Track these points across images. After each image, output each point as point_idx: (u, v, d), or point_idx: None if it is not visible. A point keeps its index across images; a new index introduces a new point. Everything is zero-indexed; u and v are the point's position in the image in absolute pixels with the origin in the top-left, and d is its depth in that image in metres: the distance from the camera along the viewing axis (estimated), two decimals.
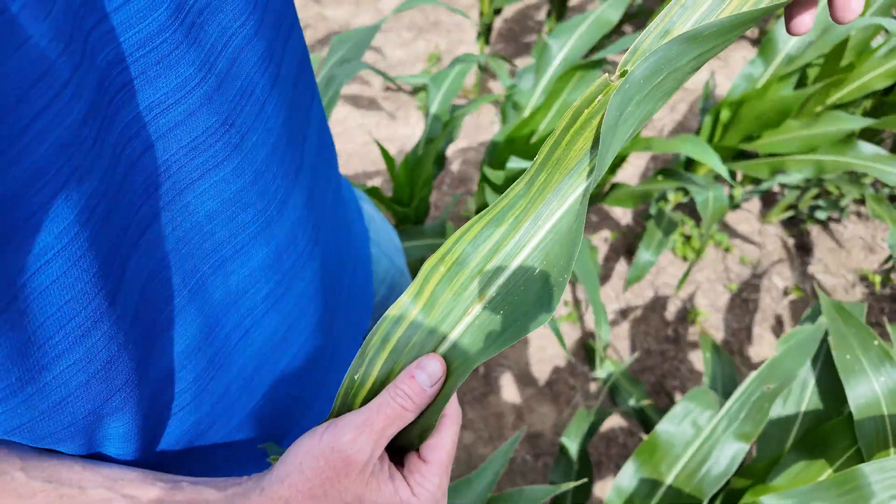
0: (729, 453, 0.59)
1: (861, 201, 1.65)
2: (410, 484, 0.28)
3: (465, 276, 0.28)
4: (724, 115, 1.11)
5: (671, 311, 1.51)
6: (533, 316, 0.27)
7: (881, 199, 1.36)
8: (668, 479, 0.61)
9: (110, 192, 0.23)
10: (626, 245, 1.63)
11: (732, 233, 1.65)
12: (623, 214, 1.70)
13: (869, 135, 1.29)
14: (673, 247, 1.60)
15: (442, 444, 0.29)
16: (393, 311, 0.28)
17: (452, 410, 0.30)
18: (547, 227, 0.27)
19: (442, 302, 0.28)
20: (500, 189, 1.03)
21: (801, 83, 1.16)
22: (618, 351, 1.45)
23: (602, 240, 1.64)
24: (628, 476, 0.64)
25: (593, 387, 1.39)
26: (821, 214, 1.59)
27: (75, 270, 0.22)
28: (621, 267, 1.59)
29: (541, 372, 1.41)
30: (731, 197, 1.50)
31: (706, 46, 0.25)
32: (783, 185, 1.56)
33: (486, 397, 1.37)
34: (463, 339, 0.28)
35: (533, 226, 0.27)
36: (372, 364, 0.29)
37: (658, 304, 1.53)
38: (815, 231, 1.64)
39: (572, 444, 0.86)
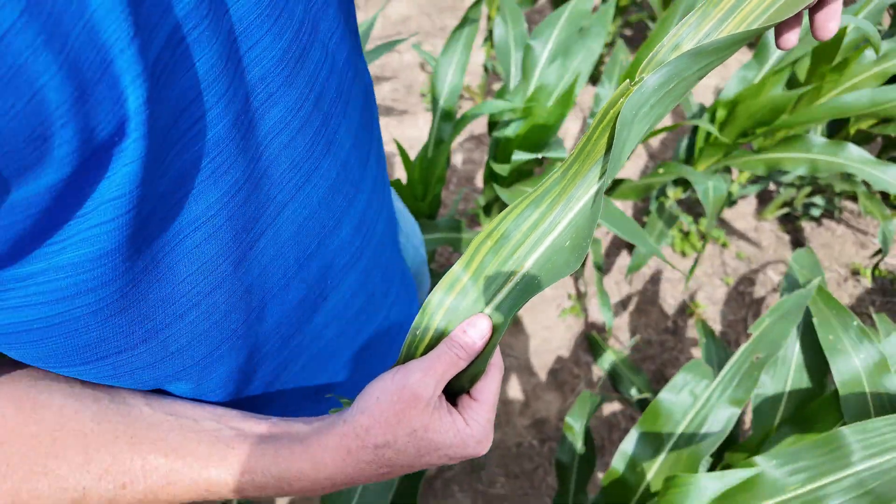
0: (723, 417, 0.64)
1: (854, 198, 1.71)
2: (465, 417, 0.34)
3: (508, 249, 0.33)
4: (720, 114, 1.17)
5: (670, 304, 1.57)
6: (561, 275, 0.33)
7: (872, 195, 1.43)
8: (669, 444, 0.67)
9: (251, 182, 0.29)
10: (627, 241, 1.69)
11: (729, 229, 1.71)
12: (624, 209, 1.76)
13: (861, 136, 1.36)
14: (672, 243, 1.66)
15: (489, 387, 0.35)
16: (447, 278, 0.34)
17: (496, 360, 0.36)
18: (577, 209, 0.33)
19: (489, 271, 0.34)
20: (506, 181, 1.09)
21: (794, 84, 1.23)
22: (619, 341, 1.51)
23: (604, 232, 1.70)
24: (632, 441, 0.69)
25: (596, 376, 1.45)
26: (815, 212, 1.65)
27: (214, 240, 0.28)
28: (622, 261, 1.64)
29: (546, 362, 1.47)
30: (729, 193, 1.56)
31: (709, 60, 0.31)
32: (778, 183, 1.62)
33: None
34: (505, 302, 0.34)
35: (566, 207, 0.33)
36: (431, 321, 0.34)
37: (658, 297, 1.59)
38: (809, 227, 1.70)
39: (577, 424, 0.92)
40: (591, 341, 1.46)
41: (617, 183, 1.25)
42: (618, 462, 0.70)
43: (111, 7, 0.19)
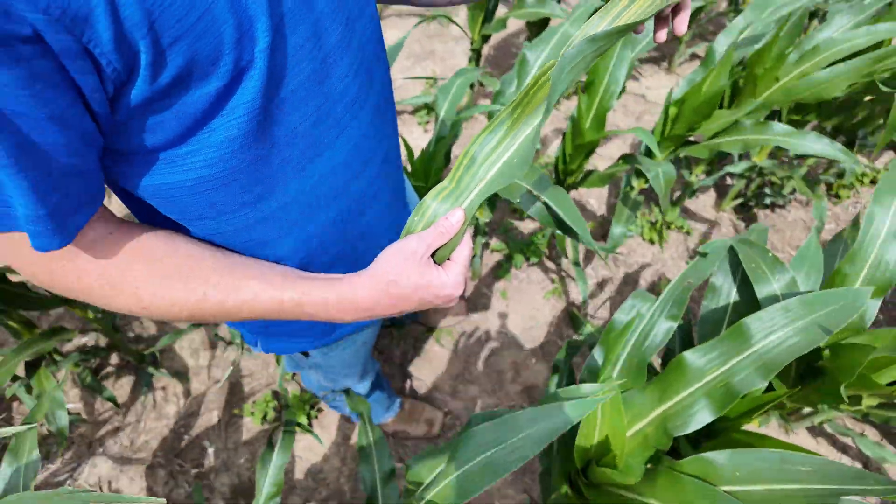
0: (663, 329, 0.83)
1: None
2: (445, 270, 0.53)
3: (475, 166, 0.53)
4: (672, 111, 1.39)
5: (641, 285, 1.77)
6: (510, 180, 0.52)
7: (805, 178, 1.65)
8: (624, 353, 0.86)
9: (325, 107, 0.48)
10: (603, 232, 1.89)
11: (692, 217, 1.92)
12: (598, 206, 1.97)
13: (795, 125, 1.58)
14: (641, 232, 1.87)
15: (461, 253, 0.54)
16: (437, 188, 0.53)
17: (466, 239, 0.55)
18: (521, 138, 0.52)
19: (464, 180, 0.53)
20: None
21: (736, 87, 1.46)
22: (597, 318, 1.70)
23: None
24: (597, 354, 0.88)
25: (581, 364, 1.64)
26: (766, 200, 1.87)
27: (306, 138, 0.48)
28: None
29: (533, 336, 1.66)
30: (688, 184, 1.77)
31: (598, 44, 0.51)
32: (731, 175, 1.84)
33: (489, 358, 1.61)
34: (474, 200, 0.53)
35: (514, 138, 0.52)
36: (424, 214, 0.54)
37: (630, 279, 1.78)
38: (762, 215, 1.92)
39: (563, 365, 1.10)
40: (573, 317, 1.65)
41: (587, 174, 1.46)
42: (584, 374, 0.89)
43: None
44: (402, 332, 1.64)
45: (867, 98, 1.57)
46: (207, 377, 1.52)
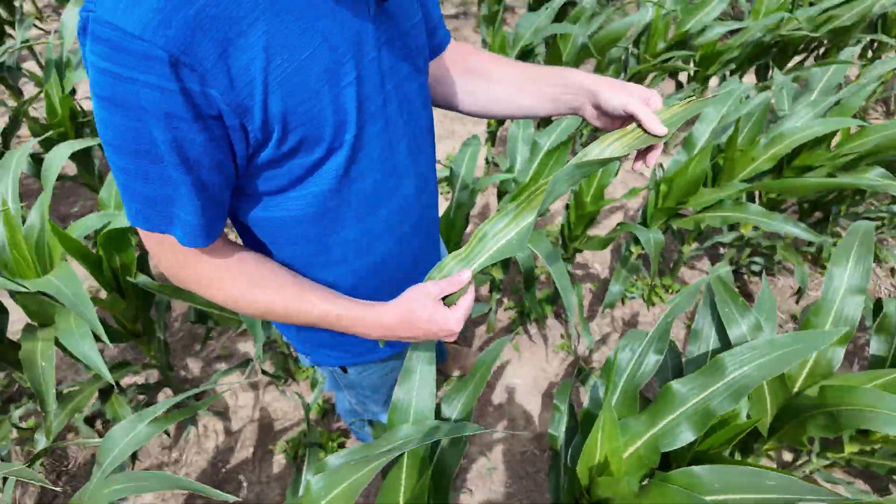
0: (652, 361, 0.99)
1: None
2: (451, 311, 0.69)
3: (486, 239, 0.72)
4: (663, 188, 1.61)
5: None
6: (509, 254, 0.72)
7: (789, 244, 1.84)
8: (621, 382, 1.01)
9: (386, 160, 0.68)
10: (604, 293, 2.07)
11: (689, 283, 2.10)
12: (602, 270, 2.16)
13: (774, 202, 1.79)
14: (642, 295, 2.05)
15: (464, 302, 0.70)
16: (455, 253, 0.72)
17: (470, 290, 0.71)
18: (520, 227, 0.72)
19: (475, 250, 0.72)
20: None
21: (717, 167, 1.68)
22: None
23: (587, 290, 2.09)
24: (599, 386, 1.04)
25: (584, 398, 1.77)
26: (756, 268, 2.05)
27: (372, 175, 0.67)
28: (608, 313, 2.02)
29: (543, 387, 1.79)
30: (681, 253, 1.96)
31: (586, 169, 0.70)
32: (721, 244, 2.04)
33: (502, 407, 1.74)
34: (481, 264, 0.72)
35: (516, 225, 0.72)
36: (442, 268, 0.72)
37: None
38: (754, 281, 2.09)
39: (562, 404, 1.25)
40: (579, 369, 1.79)
41: (589, 239, 1.66)
42: (589, 404, 1.04)
43: (348, 86, 0.59)
44: None
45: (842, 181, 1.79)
46: (245, 416, 1.66)
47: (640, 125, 0.69)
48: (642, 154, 0.74)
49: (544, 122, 2.17)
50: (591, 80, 0.74)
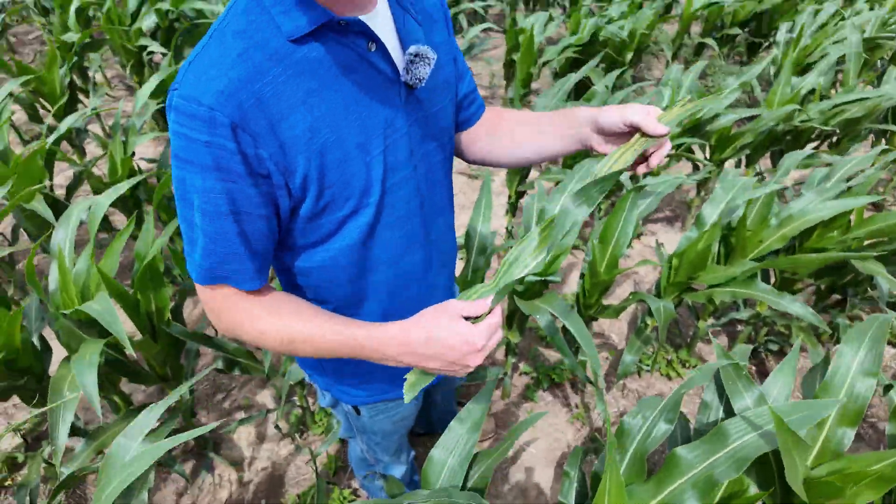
0: (662, 429, 1.01)
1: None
2: (473, 325, 0.72)
3: (511, 268, 0.79)
4: (675, 262, 1.67)
5: None
6: (527, 275, 0.79)
7: (804, 326, 1.85)
8: (631, 448, 1.03)
9: (412, 216, 0.78)
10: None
11: (705, 359, 2.10)
12: (619, 341, 2.18)
13: (789, 282, 1.82)
14: (659, 369, 2.05)
15: (489, 319, 0.73)
16: (481, 284, 0.80)
17: (496, 310, 0.74)
18: (534, 263, 0.79)
19: (501, 280, 0.80)
20: (524, 297, 1.56)
21: (729, 245, 1.74)
22: None
23: (603, 359, 2.10)
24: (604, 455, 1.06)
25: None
26: (773, 346, 2.05)
27: (401, 227, 0.76)
28: (622, 385, 2.02)
29: (558, 458, 1.78)
30: (698, 328, 1.98)
31: (603, 185, 0.76)
32: (738, 321, 2.05)
33: (515, 476, 1.73)
34: (499, 294, 0.78)
35: (533, 259, 0.79)
36: (470, 295, 0.78)
37: None
38: (771, 360, 2.08)
39: (573, 470, 1.26)
40: (594, 440, 1.78)
41: (603, 308, 1.71)
42: (598, 467, 1.06)
43: (377, 155, 0.70)
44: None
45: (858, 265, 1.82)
46: (259, 468, 1.69)
47: (641, 132, 0.73)
48: (645, 157, 0.76)
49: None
50: (592, 111, 0.79)
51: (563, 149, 0.85)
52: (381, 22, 0.68)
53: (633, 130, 0.74)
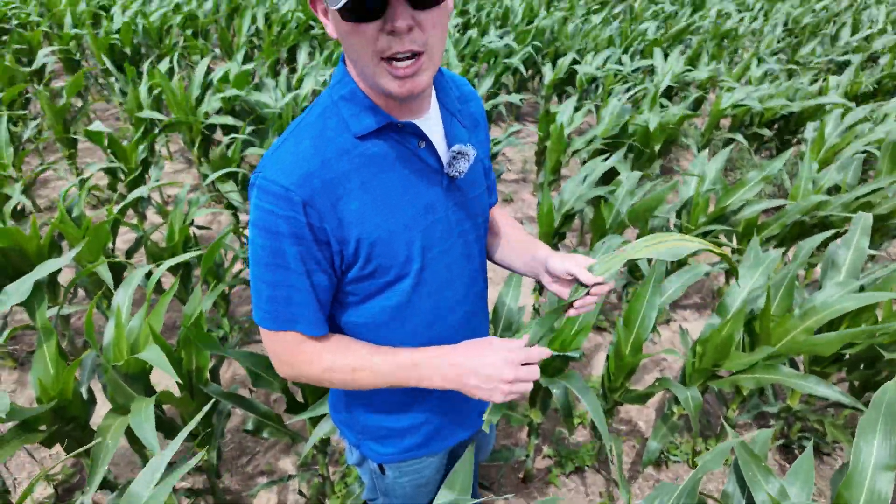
0: None
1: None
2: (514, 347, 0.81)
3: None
4: (699, 349, 1.68)
5: None
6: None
7: (837, 423, 1.80)
8: None
9: (446, 275, 0.87)
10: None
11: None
12: (646, 428, 2.14)
13: (820, 374, 1.79)
14: (687, 459, 1.99)
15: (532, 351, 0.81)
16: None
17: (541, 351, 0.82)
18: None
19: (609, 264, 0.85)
20: (546, 372, 1.59)
21: (753, 333, 1.75)
22: None
23: (630, 447, 2.06)
24: None
25: None
26: (806, 442, 1.98)
27: (447, 289, 0.86)
28: (647, 469, 1.97)
29: None
30: (727, 418, 1.94)
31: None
32: (768, 414, 2.00)
33: None
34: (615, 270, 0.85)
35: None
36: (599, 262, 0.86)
37: None
38: None
39: None
40: None
41: (628, 392, 1.71)
42: None
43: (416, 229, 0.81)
44: None
45: (888, 357, 1.79)
46: None
47: (579, 281, 0.86)
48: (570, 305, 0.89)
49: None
50: (548, 253, 0.93)
51: (521, 271, 1.01)
52: (432, 124, 0.82)
53: (574, 279, 0.88)
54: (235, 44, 5.41)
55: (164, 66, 3.88)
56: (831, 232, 2.10)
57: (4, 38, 5.29)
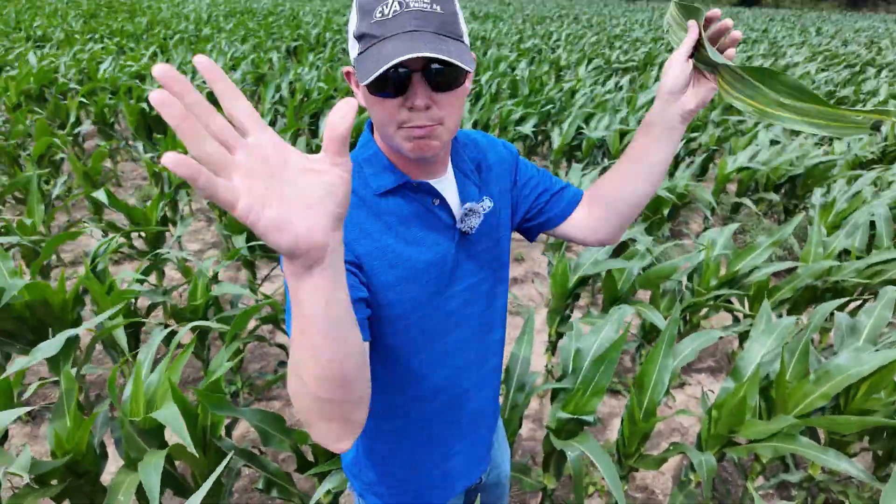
0: None
1: None
2: None
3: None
4: (714, 413, 1.66)
5: None
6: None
7: (863, 496, 1.74)
8: None
9: (451, 324, 0.89)
10: None
11: None
12: (664, 498, 2.07)
13: (840, 443, 1.76)
14: None
15: None
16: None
17: None
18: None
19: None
20: (560, 436, 1.57)
21: (770, 399, 1.73)
22: None
23: None
24: None
25: None
26: None
27: (448, 317, 0.88)
28: None
29: None
30: (746, 488, 1.88)
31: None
32: (789, 484, 1.93)
33: None
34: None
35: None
36: None
37: None
38: None
39: None
40: None
41: (643, 457, 1.68)
42: None
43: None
44: None
45: None
46: None
47: (700, 48, 0.77)
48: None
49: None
50: (656, 98, 0.86)
51: (668, 146, 0.87)
52: (447, 184, 0.88)
53: (696, 71, 0.81)
54: (260, 111, 5.69)
55: None
56: (846, 299, 2.11)
57: (45, 101, 5.63)
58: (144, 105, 4.90)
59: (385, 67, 0.65)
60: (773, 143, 4.82)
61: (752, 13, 30.91)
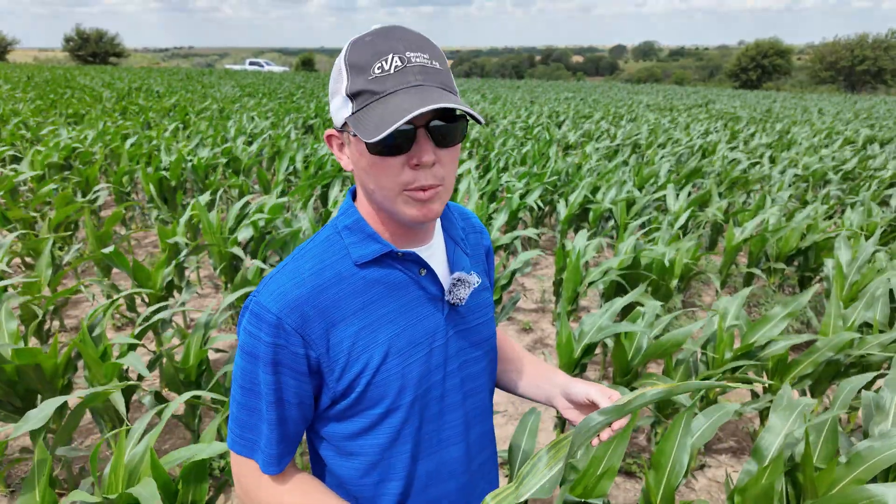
0: None
1: None
2: None
3: (528, 478, 0.76)
4: (737, 499, 1.52)
5: None
6: (546, 494, 0.77)
7: None
8: None
9: (442, 408, 0.82)
10: None
11: None
12: None
13: None
14: None
15: None
16: (503, 488, 0.79)
17: None
18: (556, 469, 0.79)
19: (523, 485, 0.77)
20: None
21: (797, 484, 1.59)
22: None
23: None
24: None
25: None
26: None
27: (439, 401, 0.80)
28: None
29: None
30: None
31: (606, 418, 0.76)
32: None
33: None
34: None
35: (549, 470, 0.78)
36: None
37: None
38: None
39: None
40: None
41: None
42: None
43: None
44: None
45: None
46: None
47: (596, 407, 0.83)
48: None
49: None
50: (568, 378, 0.92)
51: (532, 396, 0.98)
52: (435, 252, 0.82)
53: (593, 406, 0.86)
54: (273, 182, 5.85)
55: (204, 199, 4.18)
56: (873, 375, 1.99)
57: (69, 168, 5.83)
58: (164, 173, 5.05)
59: (405, 119, 0.62)
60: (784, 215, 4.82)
61: (755, 95, 32.14)
